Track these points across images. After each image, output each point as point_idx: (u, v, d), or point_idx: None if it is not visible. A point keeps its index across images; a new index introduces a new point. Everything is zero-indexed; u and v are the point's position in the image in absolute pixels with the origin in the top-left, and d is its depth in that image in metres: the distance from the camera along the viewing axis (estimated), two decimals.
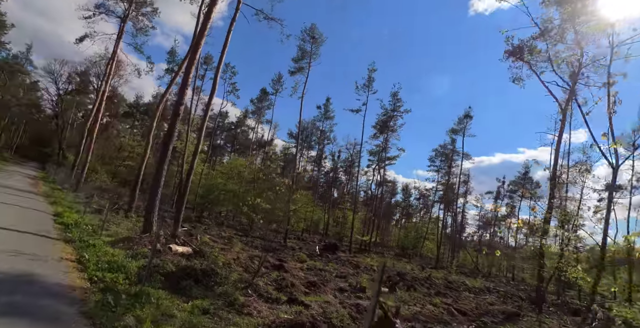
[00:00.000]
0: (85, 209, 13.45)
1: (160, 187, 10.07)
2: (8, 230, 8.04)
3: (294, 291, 9.57)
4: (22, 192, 16.29)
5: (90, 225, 11.01)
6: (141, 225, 12.17)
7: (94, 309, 4.68)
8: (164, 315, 5.07)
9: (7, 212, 10.55)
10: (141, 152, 38.98)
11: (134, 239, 9.51)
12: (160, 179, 10.09)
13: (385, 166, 47.06)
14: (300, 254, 20.69)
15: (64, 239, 8.71)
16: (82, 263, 6.87)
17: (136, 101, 66.25)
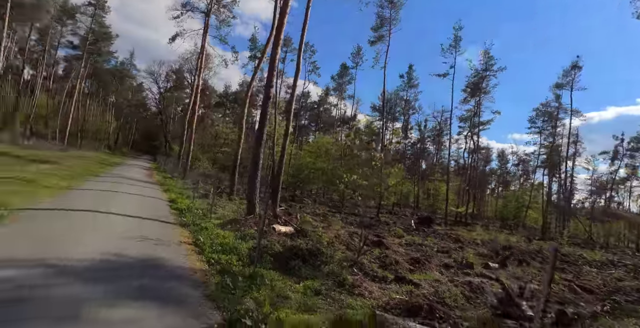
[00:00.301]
0: (194, 195, 14.60)
1: (259, 170, 10.40)
2: (134, 218, 8.94)
3: (398, 269, 9.27)
4: (141, 182, 18.35)
5: (200, 209, 11.88)
6: (244, 207, 12.80)
7: (216, 292, 4.87)
8: (279, 296, 5.12)
9: (132, 201, 11.83)
10: (235, 138, 41.56)
11: (240, 221, 9.99)
12: (258, 162, 10.40)
13: (478, 132, 43.69)
14: (396, 229, 20.29)
15: (180, 223, 9.46)
16: (198, 246, 7.33)
17: (225, 91, 70.52)
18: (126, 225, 7.98)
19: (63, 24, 48.75)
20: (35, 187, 10.62)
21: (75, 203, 9.29)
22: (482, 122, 43.13)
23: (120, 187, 14.62)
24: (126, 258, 5.60)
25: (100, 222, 7.75)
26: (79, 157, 29.82)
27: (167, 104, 66.84)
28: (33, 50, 53.45)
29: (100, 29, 48.44)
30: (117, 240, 6.56)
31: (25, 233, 6.01)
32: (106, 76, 67.95)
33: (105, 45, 52.62)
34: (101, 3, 45.59)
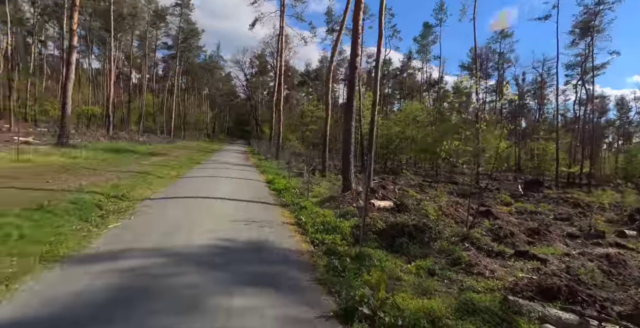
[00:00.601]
0: (289, 174, 14.90)
1: (351, 144, 10.06)
2: (238, 201, 9.30)
3: (515, 241, 8.31)
4: (238, 166, 19.39)
5: (297, 188, 12.02)
6: (339, 183, 12.65)
7: (325, 275, 4.69)
8: (391, 278, 4.76)
9: (233, 184, 12.43)
10: (321, 115, 42.00)
11: (337, 198, 9.83)
12: (349, 136, 10.04)
13: (591, 78, 37.47)
14: (502, 196, 18.62)
15: (280, 204, 9.63)
16: (300, 226, 7.31)
17: (306, 69, 71.24)
18: (232, 208, 8.30)
19: (157, 27, 53.13)
20: (151, 179, 11.68)
21: (185, 191, 9.99)
22: (595, 66, 36.79)
23: (221, 172, 15.55)
24: (236, 242, 5.73)
25: (209, 207, 8.17)
26: (183, 147, 32.76)
27: (254, 89, 69.84)
28: (136, 56, 59.51)
29: (188, 26, 51.70)
30: (226, 224, 6.80)
31: (146, 223, 6.50)
32: (198, 70, 73.11)
33: (194, 41, 56.21)
34: (186, 2, 48.43)
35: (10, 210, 6.11)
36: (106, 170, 12.48)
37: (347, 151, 10.13)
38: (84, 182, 9.68)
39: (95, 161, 14.50)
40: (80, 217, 6.30)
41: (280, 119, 27.75)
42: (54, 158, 13.74)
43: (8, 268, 4.01)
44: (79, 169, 11.73)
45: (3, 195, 7.13)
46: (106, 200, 7.83)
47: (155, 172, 13.25)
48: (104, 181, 10.10)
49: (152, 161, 17.22)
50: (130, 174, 12.01)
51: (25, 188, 8.02)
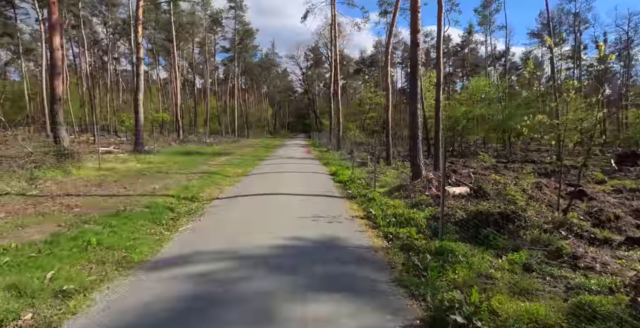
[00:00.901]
0: (352, 165, 14.47)
1: (418, 128, 9.34)
2: (303, 196, 9.10)
3: (622, 226, 7.13)
4: (301, 160, 19.38)
5: (362, 179, 11.57)
6: (407, 171, 12.00)
7: (405, 275, 4.22)
8: (481, 276, 4.17)
9: (297, 178, 12.32)
10: (380, 101, 40.97)
11: (407, 187, 9.22)
12: (416, 119, 9.33)
13: None
14: (593, 173, 16.56)
15: (346, 196, 9.26)
16: (370, 219, 6.88)
17: (361, 57, 69.94)
18: (297, 204, 8.11)
19: (214, 32, 55.19)
20: (218, 178, 11.94)
21: (251, 189, 10.02)
22: None
23: (284, 167, 15.58)
24: (305, 241, 5.45)
25: (275, 204, 8.05)
26: (247, 145, 33.75)
27: (311, 82, 70.25)
28: (198, 63, 62.60)
29: (243, 27, 53.04)
30: (293, 221, 6.59)
31: (215, 224, 6.49)
32: (256, 69, 75.10)
33: (249, 41, 57.60)
34: (239, 4, 49.66)
35: (92, 216, 6.43)
36: (177, 172, 13.02)
37: (414, 136, 9.42)
38: (157, 185, 10.10)
39: (167, 165, 15.25)
40: (154, 221, 6.45)
41: (339, 108, 27.35)
42: (131, 164, 14.67)
43: (88, 277, 4.08)
44: (153, 173, 12.35)
45: (86, 202, 7.57)
46: (177, 202, 8.03)
47: (222, 172, 13.58)
48: (176, 183, 10.48)
49: (219, 161, 17.78)
50: (199, 175, 12.39)
51: (105, 195, 8.50)
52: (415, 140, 9.42)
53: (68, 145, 13.69)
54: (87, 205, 7.34)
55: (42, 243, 4.91)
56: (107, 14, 48.62)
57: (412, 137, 9.52)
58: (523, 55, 66.32)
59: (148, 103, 65.07)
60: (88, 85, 39.76)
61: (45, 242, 4.99)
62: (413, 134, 9.49)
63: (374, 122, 43.59)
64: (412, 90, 9.44)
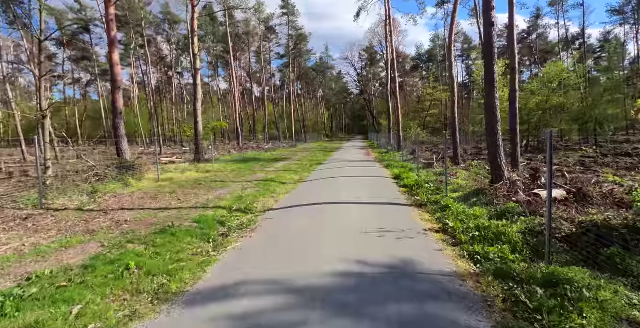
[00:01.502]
0: (417, 167, 13.21)
1: (498, 122, 7.91)
2: (365, 204, 8.12)
3: None
4: (360, 163, 18.33)
5: (430, 183, 10.32)
6: (483, 172, 10.55)
7: (509, 319, 3.09)
8: (622, 322, 2.93)
9: (358, 184, 11.33)
10: (441, 97, 38.79)
11: (486, 191, 7.85)
12: (494, 112, 7.91)
13: None
14: None
15: (415, 204, 8.11)
16: (448, 234, 5.73)
17: (417, 53, 67.53)
18: (359, 214, 7.14)
19: (269, 40, 56.21)
20: (274, 186, 11.33)
21: (308, 197, 9.23)
22: None
23: (343, 171, 14.67)
24: (371, 266, 4.45)
25: (334, 216, 7.13)
26: (304, 150, 33.38)
27: (366, 82, 69.08)
28: (255, 71, 64.22)
29: (296, 32, 53.35)
30: (355, 237, 5.63)
31: (267, 242, 5.74)
32: (311, 74, 75.48)
33: (303, 46, 57.85)
34: (291, 9, 49.98)
35: (138, 234, 5.99)
36: (233, 181, 12.67)
37: (492, 131, 7.99)
38: (212, 196, 9.69)
39: (224, 173, 15.06)
40: (202, 238, 5.87)
41: (398, 106, 25.91)
42: (189, 174, 14.66)
43: (120, 311, 3.48)
44: (209, 183, 12.08)
45: (137, 217, 7.25)
46: (229, 215, 7.45)
47: (279, 178, 13.02)
48: (230, 193, 10.01)
49: (276, 167, 17.35)
50: (255, 183, 11.91)
51: (157, 209, 8.18)
52: (494, 137, 7.99)
53: (130, 158, 13.96)
54: (136, 221, 6.99)
55: (78, 268, 4.45)
56: (170, 31, 51.39)
57: (490, 133, 8.10)
58: (601, 36, 59.76)
59: (210, 113, 68.11)
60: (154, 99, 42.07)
61: (82, 266, 4.53)
62: (491, 129, 8.07)
63: (435, 119, 41.27)
64: (488, 79, 8.05)
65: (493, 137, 8.02)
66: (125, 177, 11.98)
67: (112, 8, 12.98)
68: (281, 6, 47.82)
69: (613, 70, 44.47)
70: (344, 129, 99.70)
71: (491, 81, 8.01)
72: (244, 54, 59.01)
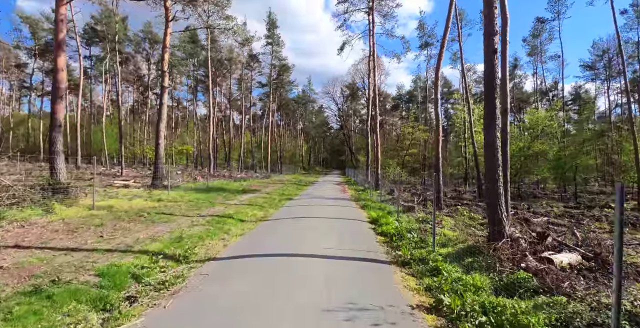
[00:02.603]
0: (397, 209, 11.69)
1: (499, 166, 6.45)
2: (334, 259, 6.41)
3: None
4: (335, 201, 16.69)
5: (413, 231, 8.78)
6: (472, 222, 9.13)
7: None
8: None
9: (328, 228, 9.64)
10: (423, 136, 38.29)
11: (483, 250, 6.34)
12: (494, 152, 6.37)
13: None
14: None
15: (396, 261, 6.46)
16: (444, 316, 4.08)
17: (398, 93, 68.57)
18: (324, 278, 5.36)
19: (251, 68, 55.66)
20: (230, 224, 9.52)
21: (265, 244, 7.46)
22: None
23: (315, 210, 12.97)
24: None
25: (291, 277, 5.36)
26: (278, 181, 31.59)
27: (346, 117, 69.13)
28: (235, 98, 63.19)
29: (279, 62, 53.04)
30: (314, 320, 3.91)
31: (189, 316, 3.94)
32: (292, 105, 75.20)
33: (285, 76, 57.55)
34: (276, 39, 49.81)
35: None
36: (184, 214, 10.77)
37: (492, 177, 6.55)
38: (146, 233, 7.79)
39: (178, 203, 13.13)
40: (95, 303, 4.02)
41: (377, 143, 24.83)
42: (137, 202, 12.64)
43: None
44: (153, 215, 10.14)
45: (23, 262, 5.29)
46: (153, 265, 5.58)
47: (239, 214, 11.19)
48: (171, 231, 8.14)
49: (240, 200, 15.51)
50: (208, 219, 10.06)
51: (63, 249, 6.23)
52: (494, 183, 6.57)
53: (65, 179, 11.88)
54: (16, 268, 5.05)
55: None
56: (150, 50, 50.02)
57: (490, 179, 6.66)
58: (572, 89, 62.48)
59: (185, 137, 65.91)
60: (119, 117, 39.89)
61: None
62: (491, 174, 6.65)
63: (414, 159, 40.60)
64: (488, 111, 6.75)
65: (493, 184, 6.60)
66: (51, 202, 9.92)
67: (64, 7, 11.45)
68: (266, 36, 47.61)
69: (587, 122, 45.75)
70: (322, 163, 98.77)
71: (492, 114, 6.69)
72: (225, 80, 58.09)
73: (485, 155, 6.86)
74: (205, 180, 25.86)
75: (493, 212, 6.61)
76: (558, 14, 35.41)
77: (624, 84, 47.23)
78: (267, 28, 48.41)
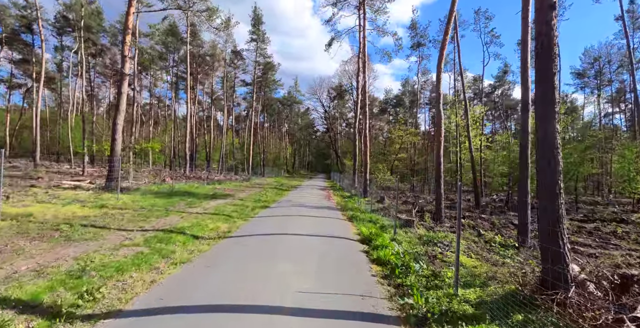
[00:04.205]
0: (395, 225, 9.45)
1: (560, 177, 4.30)
2: (315, 320, 4.14)
3: None
4: (318, 210, 14.38)
5: (419, 256, 6.58)
6: (497, 246, 7.01)
7: None
8: None
9: (307, 252, 7.33)
10: (415, 139, 36.31)
11: (535, 299, 4.17)
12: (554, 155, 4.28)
13: None
14: None
15: (407, 319, 4.20)
16: None
17: (386, 97, 66.96)
18: None
19: (235, 66, 53.10)
20: (177, 243, 7.15)
21: (216, 277, 5.14)
22: None
23: (291, 223, 10.62)
24: None
25: None
26: (257, 185, 29.11)
27: (333, 120, 67.18)
28: (217, 96, 60.48)
29: (264, 59, 50.66)
30: None
31: None
32: (276, 106, 72.83)
33: (270, 74, 55.22)
34: (261, 36, 47.43)
35: None
36: (121, 227, 8.32)
37: (552, 190, 4.25)
38: (38, 261, 5.37)
39: (125, 211, 10.65)
40: None
41: (367, 145, 22.71)
42: (71, 208, 10.13)
43: None
44: (77, 228, 7.68)
45: None
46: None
47: (195, 228, 8.79)
48: (78, 257, 5.73)
49: (206, 207, 13.08)
50: (149, 235, 7.65)
51: None
52: (553, 200, 4.32)
53: None
54: None
55: None
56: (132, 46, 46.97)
57: (546, 193, 4.38)
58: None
59: (164, 136, 62.62)
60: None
61: None
62: (547, 188, 4.42)
63: (403, 164, 38.66)
64: (542, 95, 4.59)
65: (551, 202, 4.41)
66: None
67: None
68: (251, 31, 45.22)
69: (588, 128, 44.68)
70: (307, 166, 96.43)
71: (548, 97, 4.52)
72: (207, 78, 55.42)
73: (539, 159, 4.69)
74: (174, 182, 23.25)
75: (550, 242, 4.42)
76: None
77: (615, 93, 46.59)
78: (252, 23, 46.04)
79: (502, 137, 32.65)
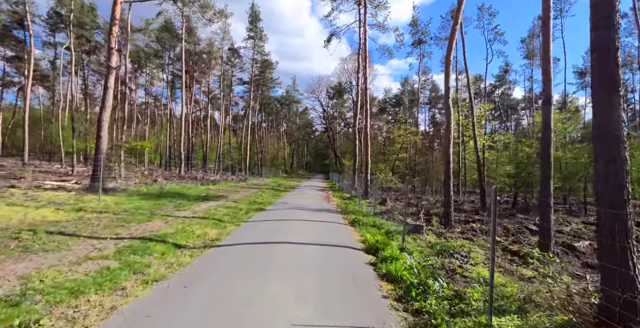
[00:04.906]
0: (404, 230, 8.45)
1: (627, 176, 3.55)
2: None
3: None
4: (316, 213, 13.41)
5: (439, 276, 5.62)
6: (527, 259, 6.10)
7: None
8: None
9: (304, 267, 6.36)
10: (416, 139, 35.30)
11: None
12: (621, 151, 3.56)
13: None
14: None
15: None
16: None
17: (385, 96, 66.16)
18: None
19: (232, 64, 52.06)
20: (156, 254, 6.17)
21: (192, 306, 4.17)
22: None
23: (288, 229, 9.65)
24: None
25: None
26: (253, 185, 28.11)
27: (332, 120, 66.29)
28: (214, 95, 59.45)
29: (262, 57, 49.67)
30: None
31: None
32: (274, 105, 71.82)
33: (268, 73, 54.24)
34: (258, 33, 46.44)
35: None
36: (93, 234, 7.33)
37: (619, 195, 3.37)
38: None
39: (105, 214, 9.66)
40: None
41: (367, 144, 21.78)
42: (40, 211, 9.12)
43: None
44: (39, 236, 6.69)
45: None
46: None
47: (180, 234, 7.81)
48: (27, 275, 4.74)
49: (196, 210, 12.10)
50: (124, 245, 6.66)
51: None
52: (621, 207, 3.48)
53: None
54: None
55: None
56: (122, 40, 45.86)
57: (612, 199, 3.49)
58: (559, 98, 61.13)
59: (160, 136, 61.49)
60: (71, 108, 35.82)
61: None
62: (613, 191, 3.49)
63: (404, 164, 37.72)
64: (599, 78, 3.63)
65: (616, 209, 3.50)
66: None
67: None
68: (248, 28, 44.22)
69: None
70: (305, 166, 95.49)
71: (608, 79, 3.57)
72: (204, 77, 54.40)
73: (598, 155, 3.73)
74: (166, 182, 22.25)
75: (614, 261, 3.47)
76: (561, 11, 33.10)
77: None
78: (250, 20, 45.02)
79: (504, 137, 31.83)
